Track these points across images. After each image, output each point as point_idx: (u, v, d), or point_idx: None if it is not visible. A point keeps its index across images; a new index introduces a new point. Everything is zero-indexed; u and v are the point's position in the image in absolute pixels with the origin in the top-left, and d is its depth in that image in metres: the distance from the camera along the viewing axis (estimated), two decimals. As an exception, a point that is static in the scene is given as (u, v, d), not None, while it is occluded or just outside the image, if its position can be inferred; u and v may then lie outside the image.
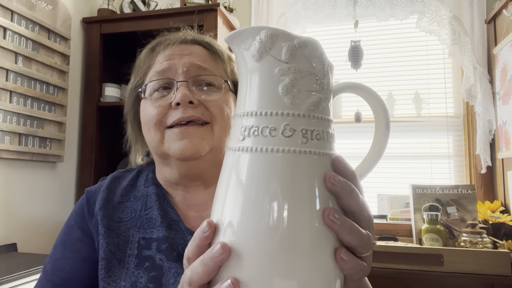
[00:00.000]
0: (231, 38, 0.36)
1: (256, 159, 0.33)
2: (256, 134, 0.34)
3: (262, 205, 0.32)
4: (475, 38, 1.84)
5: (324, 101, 0.35)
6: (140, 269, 0.58)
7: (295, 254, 0.32)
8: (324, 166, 0.34)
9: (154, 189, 0.66)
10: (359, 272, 0.35)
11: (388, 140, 0.41)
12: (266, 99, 0.34)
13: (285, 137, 0.33)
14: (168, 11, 1.85)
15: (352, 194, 0.34)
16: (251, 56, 0.35)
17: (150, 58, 0.68)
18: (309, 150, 0.33)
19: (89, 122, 1.94)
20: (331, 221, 0.33)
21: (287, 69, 0.34)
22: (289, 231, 0.32)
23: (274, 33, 0.34)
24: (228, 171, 0.35)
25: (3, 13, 1.52)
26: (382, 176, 1.99)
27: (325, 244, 0.33)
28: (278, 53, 0.34)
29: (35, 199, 1.72)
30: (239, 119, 0.36)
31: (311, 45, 0.35)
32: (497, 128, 1.79)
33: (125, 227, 0.62)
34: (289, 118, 0.33)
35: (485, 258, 1.38)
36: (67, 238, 0.64)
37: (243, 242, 0.32)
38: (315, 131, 0.34)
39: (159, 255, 0.59)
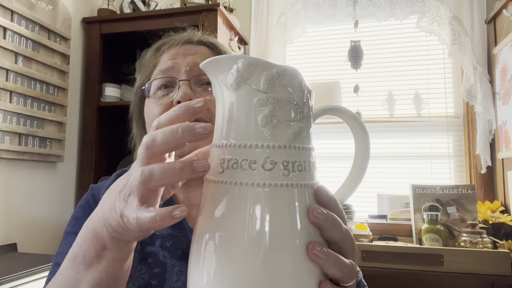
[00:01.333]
0: (207, 65, 0.35)
1: (236, 193, 0.32)
2: (236, 167, 0.32)
3: (243, 240, 0.31)
4: (475, 38, 1.84)
5: (305, 130, 0.34)
6: (143, 265, 0.59)
7: (281, 284, 0.31)
8: (306, 197, 0.33)
9: None
10: None
11: (368, 164, 0.40)
12: (244, 131, 0.33)
13: (265, 170, 0.32)
14: (168, 11, 1.85)
15: (335, 225, 0.34)
16: (228, 85, 0.34)
17: (155, 57, 0.69)
18: (290, 183, 0.32)
19: (89, 122, 1.94)
20: (315, 256, 0.32)
21: (266, 99, 0.33)
22: (273, 265, 0.31)
23: (252, 62, 0.33)
24: (208, 203, 0.34)
25: (3, 13, 1.52)
26: (382, 176, 1.99)
27: (309, 277, 0.32)
28: (257, 82, 0.33)
29: (35, 199, 1.72)
30: (217, 149, 0.34)
31: (290, 74, 0.34)
32: (497, 128, 1.79)
33: None
34: (269, 150, 0.32)
35: (485, 258, 1.38)
36: (77, 227, 0.64)
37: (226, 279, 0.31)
38: (296, 162, 0.33)
39: (163, 251, 0.59)
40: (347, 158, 1.99)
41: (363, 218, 1.88)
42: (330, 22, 2.10)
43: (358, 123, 0.39)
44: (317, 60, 2.14)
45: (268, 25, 2.06)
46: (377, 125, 2.00)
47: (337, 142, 2.07)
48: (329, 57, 2.13)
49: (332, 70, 2.12)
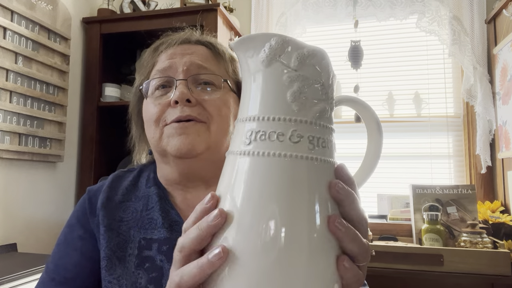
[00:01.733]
0: (239, 44, 0.36)
1: (263, 163, 0.33)
2: (263, 139, 0.34)
3: (269, 208, 0.32)
4: (475, 38, 1.84)
5: (329, 110, 0.36)
6: (140, 270, 0.58)
7: (297, 255, 0.32)
8: (328, 173, 0.35)
9: (156, 189, 0.66)
10: (357, 281, 0.35)
11: (382, 147, 0.41)
12: (273, 105, 0.34)
13: (292, 142, 0.33)
14: (168, 11, 1.85)
15: (354, 202, 0.35)
16: (259, 61, 0.35)
17: (153, 57, 0.68)
18: (315, 157, 0.34)
19: (89, 122, 1.94)
20: (336, 228, 0.33)
21: (295, 76, 0.34)
22: (294, 233, 0.32)
23: (285, 40, 0.35)
24: (230, 174, 0.35)
25: (3, 13, 1.52)
26: (382, 176, 1.99)
27: (328, 250, 0.33)
28: (288, 60, 0.34)
29: (35, 199, 1.72)
30: (243, 123, 0.35)
31: (320, 55, 0.36)
32: (497, 128, 1.79)
33: (126, 226, 0.62)
34: (296, 124, 0.34)
35: (485, 258, 1.38)
36: (69, 236, 0.64)
37: (246, 243, 0.32)
38: (320, 139, 0.34)
39: (160, 256, 0.59)
40: (349, 158, 1.99)
41: (363, 218, 1.88)
42: (330, 22, 2.10)
43: (372, 116, 0.40)
44: (317, 60, 2.14)
45: (268, 25, 2.05)
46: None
47: (339, 142, 2.06)
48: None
49: (332, 70, 2.12)
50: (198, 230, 0.34)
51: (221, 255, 0.32)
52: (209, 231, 0.33)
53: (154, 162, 0.71)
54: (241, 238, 0.32)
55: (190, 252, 0.35)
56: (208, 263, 0.32)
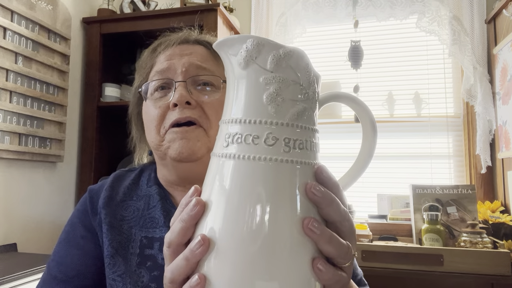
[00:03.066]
0: (219, 45, 0.36)
1: (238, 166, 0.33)
2: (240, 142, 0.34)
3: (243, 212, 0.32)
4: (475, 38, 1.84)
5: (309, 110, 0.35)
6: (142, 268, 0.59)
7: (275, 261, 0.32)
8: (306, 175, 0.34)
9: (157, 189, 0.66)
10: (337, 282, 0.34)
11: (375, 150, 0.41)
12: (250, 107, 0.34)
13: (267, 145, 0.33)
14: (168, 11, 1.85)
15: (332, 204, 0.34)
16: (237, 63, 0.35)
17: (151, 58, 0.68)
18: (291, 159, 0.33)
19: (89, 122, 1.94)
20: (310, 230, 0.33)
21: (272, 78, 0.34)
22: (268, 239, 0.32)
23: (260, 42, 0.34)
24: (212, 176, 0.35)
25: (3, 13, 1.52)
26: (382, 176, 1.99)
27: (304, 253, 0.33)
28: (264, 62, 0.34)
29: (35, 199, 1.72)
30: (224, 125, 0.36)
31: (297, 55, 0.35)
32: (497, 128, 1.79)
33: (128, 225, 0.62)
34: (272, 126, 0.33)
35: (485, 258, 1.38)
36: (70, 235, 0.65)
37: (225, 246, 0.32)
38: (298, 141, 0.34)
39: (162, 255, 0.59)
40: (348, 158, 1.99)
41: (363, 218, 1.88)
42: (330, 22, 2.10)
43: (364, 109, 0.40)
44: (317, 60, 2.14)
45: (268, 25, 2.05)
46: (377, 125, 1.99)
47: (338, 142, 2.07)
48: (329, 57, 2.13)
49: (332, 70, 2.12)
50: (180, 222, 0.34)
51: (201, 243, 0.32)
52: (191, 221, 0.34)
53: (155, 162, 0.71)
54: (220, 231, 0.33)
55: (177, 246, 0.35)
56: (191, 253, 0.33)
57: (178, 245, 0.35)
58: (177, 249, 0.35)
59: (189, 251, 0.33)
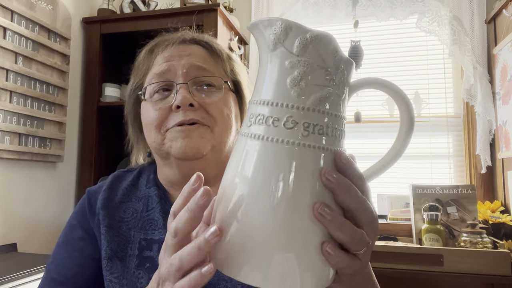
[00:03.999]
0: (253, 26, 0.37)
1: (258, 146, 0.34)
2: (261, 123, 0.34)
3: (261, 189, 0.33)
4: (475, 38, 1.84)
5: (334, 96, 0.35)
6: (141, 270, 0.59)
7: (291, 238, 0.32)
8: (324, 161, 0.34)
9: (156, 190, 0.66)
10: (349, 267, 0.34)
11: (409, 140, 0.42)
12: (274, 90, 0.35)
13: (286, 128, 0.33)
14: (168, 11, 1.85)
15: (348, 191, 0.34)
16: (266, 45, 0.35)
17: (149, 59, 0.67)
18: (308, 144, 0.33)
19: (89, 122, 1.94)
20: (320, 215, 0.33)
21: (297, 62, 0.34)
22: (281, 223, 0.32)
23: (288, 25, 0.34)
24: (234, 153, 0.36)
25: (3, 13, 1.52)
26: (382, 176, 1.97)
27: (316, 236, 0.33)
28: (290, 45, 0.34)
29: (35, 199, 1.72)
30: (251, 105, 0.36)
31: (324, 40, 0.35)
32: (497, 128, 1.79)
33: (126, 227, 0.62)
34: (293, 110, 0.33)
35: (485, 258, 1.38)
36: (69, 237, 0.64)
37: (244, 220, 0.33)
38: (317, 126, 0.34)
39: None
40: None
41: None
42: (330, 22, 2.10)
43: (400, 95, 0.39)
44: (317, 60, 2.13)
45: (268, 25, 2.05)
46: (377, 125, 2.00)
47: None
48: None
49: (332, 70, 2.12)
50: (188, 212, 0.34)
51: (217, 233, 0.32)
52: (199, 211, 0.34)
53: (154, 162, 0.71)
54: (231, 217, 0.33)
55: (183, 235, 0.35)
56: (206, 242, 0.33)
57: (186, 234, 0.35)
58: (184, 238, 0.35)
59: (204, 240, 0.33)
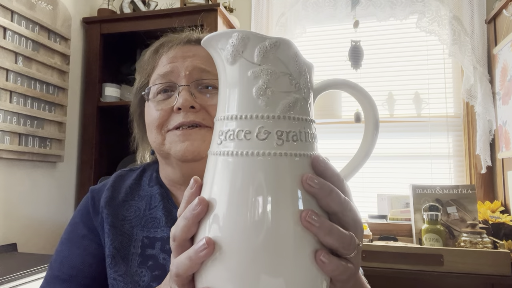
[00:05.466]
0: (207, 42, 0.36)
1: (232, 163, 0.33)
2: (232, 138, 0.33)
3: (241, 208, 0.32)
4: (475, 38, 1.84)
5: (301, 101, 0.34)
6: (143, 268, 0.59)
7: (278, 255, 0.31)
8: (302, 167, 0.33)
9: (158, 189, 0.66)
10: (343, 273, 0.34)
11: (377, 139, 0.40)
12: (241, 102, 0.34)
13: (260, 140, 0.32)
14: (168, 11, 1.85)
15: (331, 194, 0.33)
16: (225, 60, 0.35)
17: (153, 59, 0.68)
18: (284, 152, 0.33)
19: (89, 122, 1.94)
20: (309, 223, 0.32)
21: (259, 71, 0.33)
22: (269, 235, 0.31)
23: (245, 36, 0.34)
24: (209, 174, 0.35)
25: (3, 13, 1.52)
26: (382, 176, 1.99)
27: (306, 246, 0.32)
28: (251, 55, 0.34)
29: (35, 199, 1.72)
30: (218, 123, 0.35)
31: (283, 45, 0.34)
32: (497, 128, 1.79)
33: (129, 225, 0.63)
34: (263, 120, 0.33)
35: (485, 258, 1.38)
36: (73, 235, 0.65)
37: (227, 240, 0.32)
38: (291, 132, 0.33)
39: (163, 254, 0.60)
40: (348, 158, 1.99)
41: (363, 218, 1.88)
42: (330, 22, 2.10)
43: (364, 95, 0.39)
44: (317, 60, 2.14)
45: (268, 25, 2.05)
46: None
47: (338, 142, 2.07)
48: (329, 57, 2.13)
49: (332, 70, 2.12)
50: (184, 219, 0.34)
51: (206, 247, 0.32)
52: (194, 219, 0.34)
53: (157, 161, 0.72)
54: (220, 229, 0.33)
55: (181, 241, 0.35)
56: (195, 253, 0.33)
57: (183, 240, 0.35)
58: (182, 244, 0.35)
59: (194, 252, 0.33)
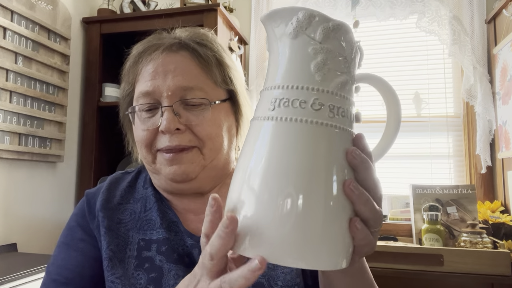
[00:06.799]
0: (267, 18, 0.38)
1: (285, 128, 0.35)
2: (287, 105, 0.35)
3: (288, 170, 0.34)
4: (475, 38, 1.84)
5: (350, 83, 0.38)
6: (140, 270, 0.59)
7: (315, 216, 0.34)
8: (346, 141, 0.36)
9: (152, 191, 0.66)
10: (368, 245, 0.37)
11: (398, 133, 0.46)
12: (298, 75, 0.36)
13: (314, 110, 0.35)
14: (168, 11, 1.85)
15: (369, 169, 0.37)
16: (287, 34, 0.37)
17: (134, 69, 0.65)
18: (335, 124, 0.36)
19: (89, 122, 1.94)
20: (350, 190, 0.35)
21: (320, 48, 0.36)
22: (312, 195, 0.34)
23: (312, 14, 0.36)
24: (253, 139, 0.37)
25: (3, 13, 1.52)
26: (382, 176, 1.99)
27: (343, 212, 0.35)
28: (313, 33, 0.36)
29: (35, 199, 1.72)
30: (268, 91, 0.37)
31: (344, 29, 0.37)
32: (497, 128, 1.79)
33: (125, 228, 0.62)
34: (318, 93, 0.36)
35: (485, 258, 1.38)
36: (69, 238, 0.65)
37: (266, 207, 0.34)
38: (341, 108, 0.36)
39: (159, 256, 0.59)
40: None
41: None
42: (330, 22, 2.10)
43: (391, 93, 0.44)
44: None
45: (268, 25, 2.05)
46: (377, 125, 2.00)
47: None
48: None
49: (332, 70, 2.12)
50: (220, 239, 0.35)
51: (259, 267, 0.33)
52: (229, 236, 0.35)
53: None
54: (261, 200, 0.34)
55: (219, 259, 0.36)
56: (251, 273, 0.34)
57: (222, 257, 0.36)
58: (220, 261, 0.37)
59: (249, 272, 0.34)
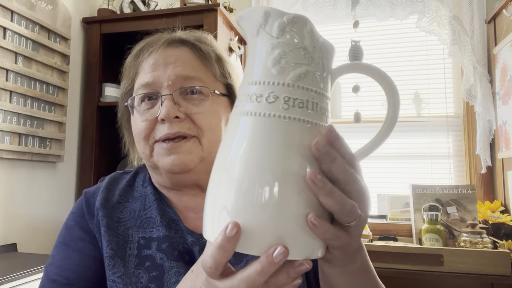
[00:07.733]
0: (238, 21, 0.40)
1: (243, 122, 0.37)
2: (247, 100, 0.37)
3: (252, 161, 0.35)
4: (475, 38, 1.84)
5: (313, 73, 0.37)
6: (141, 269, 0.59)
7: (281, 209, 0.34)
8: (308, 132, 0.36)
9: (151, 189, 0.66)
10: (335, 240, 0.35)
11: (396, 121, 0.44)
12: (259, 71, 0.38)
13: (268, 102, 0.36)
14: (168, 11, 1.85)
15: (335, 161, 0.35)
16: (251, 33, 0.39)
17: (135, 65, 0.66)
18: (288, 116, 0.35)
19: (89, 122, 1.94)
20: (312, 182, 0.33)
21: (276, 43, 0.37)
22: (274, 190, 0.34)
23: (267, 12, 0.38)
24: (227, 132, 0.39)
25: (3, 13, 1.52)
26: (382, 176, 1.99)
27: (306, 206, 0.34)
28: (270, 29, 0.38)
29: (35, 199, 1.72)
30: (241, 87, 0.39)
31: (300, 21, 0.38)
32: (497, 128, 1.79)
33: (124, 227, 0.62)
34: (273, 86, 0.36)
35: (485, 258, 1.38)
36: (68, 238, 0.64)
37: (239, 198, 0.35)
38: (297, 100, 0.36)
39: (160, 254, 0.59)
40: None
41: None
42: (330, 22, 2.10)
43: (385, 78, 0.43)
44: (317, 60, 2.14)
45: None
46: (377, 125, 2.00)
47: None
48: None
49: (332, 70, 2.12)
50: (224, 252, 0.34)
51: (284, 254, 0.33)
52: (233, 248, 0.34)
53: None
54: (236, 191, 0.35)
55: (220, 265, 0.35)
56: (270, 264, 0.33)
57: (223, 264, 0.36)
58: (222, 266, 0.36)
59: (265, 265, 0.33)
